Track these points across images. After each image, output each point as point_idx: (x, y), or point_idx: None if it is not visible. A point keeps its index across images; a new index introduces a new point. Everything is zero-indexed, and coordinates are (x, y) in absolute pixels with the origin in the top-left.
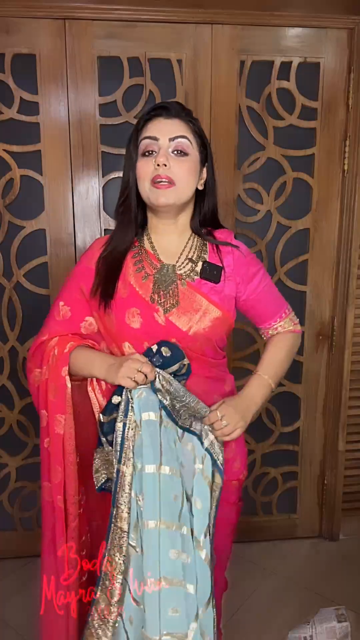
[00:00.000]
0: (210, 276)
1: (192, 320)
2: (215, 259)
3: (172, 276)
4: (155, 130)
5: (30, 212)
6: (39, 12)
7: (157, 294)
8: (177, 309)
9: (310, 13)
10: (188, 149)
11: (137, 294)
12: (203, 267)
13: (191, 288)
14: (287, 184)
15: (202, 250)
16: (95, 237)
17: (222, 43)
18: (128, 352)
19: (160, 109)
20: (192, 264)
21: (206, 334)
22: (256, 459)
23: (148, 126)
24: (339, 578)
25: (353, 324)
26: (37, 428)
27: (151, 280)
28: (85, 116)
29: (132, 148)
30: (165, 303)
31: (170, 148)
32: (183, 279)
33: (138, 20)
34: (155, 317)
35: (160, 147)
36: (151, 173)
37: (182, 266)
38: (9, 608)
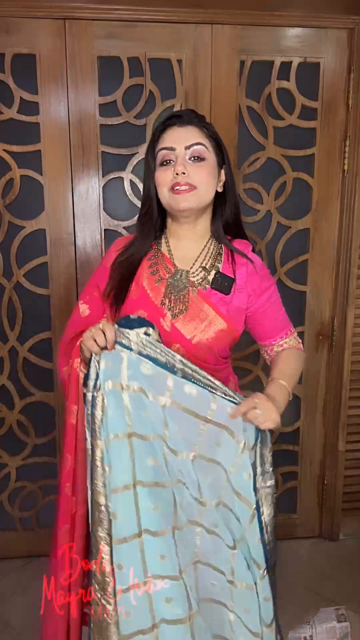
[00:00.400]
0: (221, 287)
1: (197, 329)
2: (228, 269)
3: (185, 282)
4: (170, 141)
5: (30, 212)
6: (39, 12)
7: (168, 299)
8: (184, 315)
9: (310, 13)
10: (204, 153)
11: (148, 297)
12: (215, 277)
13: (200, 297)
14: (287, 184)
15: (216, 259)
16: (95, 237)
17: (222, 43)
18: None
19: (173, 118)
20: (205, 272)
21: (209, 344)
22: None
23: (164, 137)
24: (339, 578)
25: (353, 324)
26: (37, 428)
27: (164, 284)
28: (85, 116)
29: (150, 159)
30: (175, 308)
31: (187, 156)
32: (195, 287)
33: (138, 20)
34: (161, 322)
35: (177, 155)
36: (170, 181)
37: (196, 273)
38: (9, 608)
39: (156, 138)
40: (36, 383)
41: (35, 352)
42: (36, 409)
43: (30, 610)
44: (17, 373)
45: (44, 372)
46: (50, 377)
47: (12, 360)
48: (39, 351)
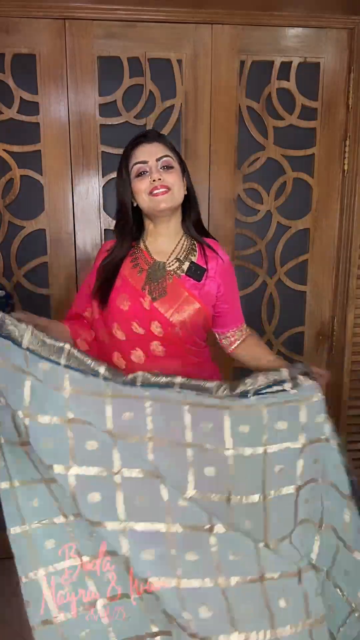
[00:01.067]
0: (194, 275)
1: (173, 308)
2: (201, 261)
3: (162, 271)
4: (143, 156)
5: (30, 212)
6: (39, 12)
7: (149, 285)
8: (163, 298)
9: (310, 13)
10: (172, 163)
11: (129, 283)
12: (189, 267)
13: (177, 282)
14: (287, 184)
15: (190, 252)
16: (95, 237)
17: (222, 43)
18: (116, 334)
19: (141, 138)
20: (180, 262)
21: (184, 321)
22: None
23: (135, 154)
24: None
25: (353, 324)
26: None
27: (144, 274)
28: (85, 116)
29: (125, 173)
30: (154, 292)
31: (158, 166)
32: (171, 275)
33: (138, 20)
34: (142, 302)
35: (150, 167)
36: (148, 187)
37: (171, 264)
38: (9, 608)
39: (128, 156)
40: None
41: None
42: None
43: None
44: None
45: None
46: None
47: None
48: None
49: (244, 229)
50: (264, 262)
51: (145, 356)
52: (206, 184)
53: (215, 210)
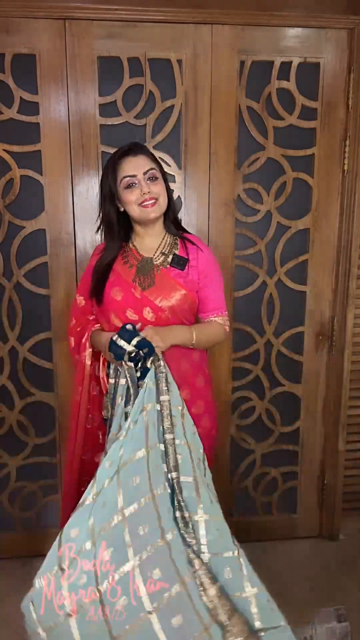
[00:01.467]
0: (178, 265)
1: (161, 295)
2: (183, 253)
3: (150, 265)
4: (130, 170)
5: (30, 212)
6: (39, 12)
7: (139, 278)
8: (152, 287)
9: (310, 13)
10: (157, 174)
11: (121, 277)
12: (173, 258)
13: (163, 273)
14: (287, 184)
15: (173, 246)
16: (95, 237)
17: (222, 43)
18: (114, 322)
19: (126, 151)
20: (165, 256)
21: (172, 306)
22: (256, 459)
23: (123, 167)
24: (339, 578)
25: (353, 324)
26: (37, 428)
27: (134, 269)
28: (85, 116)
29: (112, 184)
30: (144, 283)
31: (146, 178)
32: (158, 267)
33: (138, 20)
34: (133, 292)
35: (139, 180)
36: (137, 199)
37: (157, 258)
38: (9, 608)
39: (115, 168)
40: (36, 383)
41: (35, 352)
42: (36, 409)
43: None
44: (17, 373)
45: (44, 372)
46: (50, 377)
47: (12, 360)
48: (39, 351)
49: (244, 229)
50: (264, 262)
51: None
52: (206, 184)
53: (215, 210)
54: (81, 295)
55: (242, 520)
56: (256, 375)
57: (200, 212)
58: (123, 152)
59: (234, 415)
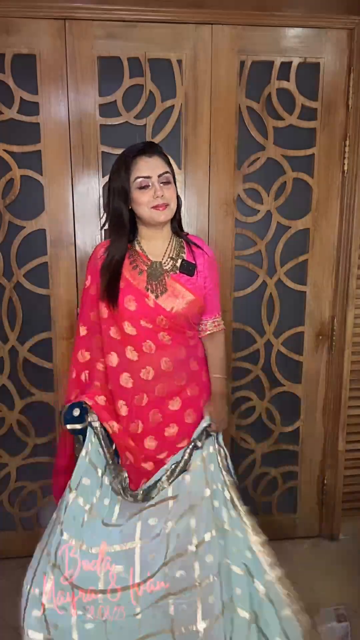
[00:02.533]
0: (187, 271)
1: (173, 302)
2: (190, 258)
3: (161, 270)
4: (145, 170)
5: (30, 212)
6: (39, 12)
7: (150, 284)
8: (165, 294)
9: (310, 13)
10: (170, 178)
11: (132, 285)
12: (181, 264)
13: (173, 279)
14: (287, 184)
15: (180, 250)
16: (95, 237)
17: (222, 43)
18: (127, 330)
19: (141, 151)
20: (173, 261)
21: (183, 312)
22: (256, 459)
23: (138, 166)
24: (339, 578)
25: (353, 324)
26: (37, 428)
27: (145, 275)
28: (85, 116)
29: (126, 184)
30: (157, 290)
31: (159, 181)
32: (168, 273)
33: (138, 20)
34: (146, 302)
35: (153, 182)
36: (150, 201)
37: (167, 263)
38: (9, 608)
39: (128, 167)
40: (36, 383)
41: (35, 352)
42: (36, 409)
43: None
44: (17, 373)
45: (44, 372)
46: (51, 377)
47: (12, 360)
48: (39, 351)
49: (244, 229)
50: (264, 262)
51: (155, 346)
52: (206, 184)
53: (215, 210)
54: (84, 324)
55: None
56: (256, 375)
57: (200, 212)
58: (139, 151)
59: (234, 415)
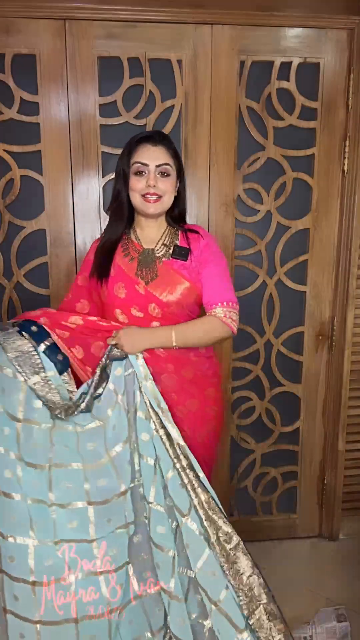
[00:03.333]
0: (180, 255)
1: (165, 290)
2: (184, 243)
3: (152, 257)
4: (145, 157)
5: (30, 212)
6: (39, 12)
7: (141, 271)
8: (155, 281)
9: (310, 13)
10: (169, 171)
11: (123, 272)
12: (174, 249)
13: (166, 265)
14: (287, 184)
15: (174, 237)
16: (95, 237)
17: (222, 43)
18: (119, 318)
19: (147, 137)
20: (166, 247)
21: (177, 301)
22: (256, 459)
23: (138, 152)
24: (339, 578)
25: (353, 324)
26: None
27: (136, 261)
28: (85, 116)
29: (125, 167)
30: (147, 277)
31: (157, 171)
32: (160, 259)
33: (138, 20)
34: (137, 288)
35: (149, 171)
36: (142, 189)
37: (159, 250)
38: None
39: (131, 150)
40: None
41: None
42: None
43: None
44: None
45: None
46: None
47: None
48: None
49: (244, 229)
50: (263, 262)
51: None
52: (206, 184)
53: (215, 210)
54: (70, 292)
55: (242, 520)
56: (256, 375)
57: (200, 212)
58: (144, 137)
59: (234, 415)
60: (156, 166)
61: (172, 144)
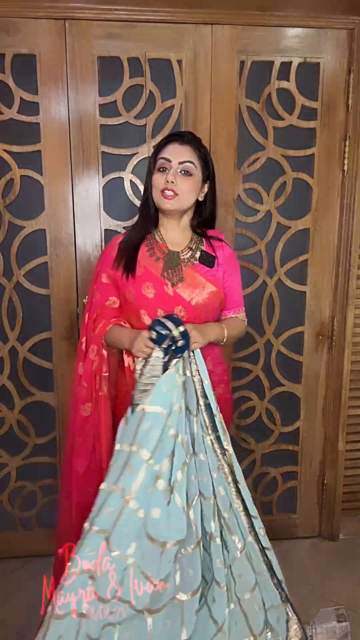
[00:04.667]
0: (206, 262)
1: (194, 292)
2: (209, 250)
3: (177, 260)
4: (169, 154)
5: (30, 212)
6: (39, 12)
7: (167, 272)
8: (182, 283)
9: (310, 13)
10: (192, 170)
11: (150, 272)
12: (201, 255)
13: (192, 269)
14: (287, 184)
15: (199, 243)
16: (95, 237)
17: (222, 43)
18: (144, 319)
19: (177, 136)
20: (192, 251)
21: (204, 304)
22: (256, 459)
23: (165, 149)
24: (339, 578)
25: (353, 324)
26: (37, 428)
27: (161, 262)
28: (85, 116)
29: (152, 164)
30: (173, 279)
31: (179, 169)
32: (186, 263)
33: (138, 20)
34: (165, 289)
35: (171, 167)
36: (161, 185)
37: (185, 253)
38: (9, 608)
39: (160, 148)
40: (36, 383)
41: (35, 352)
42: (36, 409)
43: (30, 610)
44: (17, 373)
45: (44, 372)
46: (51, 377)
47: (12, 360)
48: (39, 351)
49: (244, 229)
50: (264, 262)
51: None
52: None
53: None
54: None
55: None
56: (256, 375)
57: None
58: (174, 136)
59: (234, 415)
60: (179, 163)
61: (202, 146)
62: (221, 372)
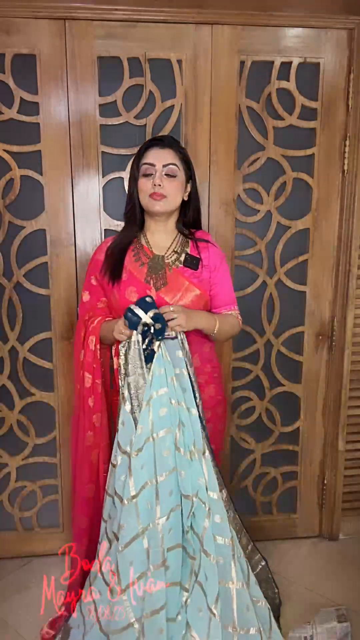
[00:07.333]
0: (191, 265)
1: (176, 296)
2: (194, 252)
3: (162, 264)
4: (152, 158)
5: (30, 212)
6: (39, 12)
7: (150, 277)
8: (165, 287)
9: (310, 13)
10: (176, 172)
11: (134, 277)
12: (185, 258)
13: (176, 273)
14: (287, 184)
15: (184, 245)
16: (95, 237)
17: (222, 43)
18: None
19: (157, 141)
20: (177, 255)
21: (188, 307)
22: (256, 459)
23: (147, 154)
24: (339, 578)
25: (353, 324)
26: (37, 428)
27: (146, 267)
28: (85, 116)
29: (135, 170)
30: (157, 283)
31: (163, 172)
32: (170, 266)
33: (138, 20)
34: (148, 293)
35: (156, 170)
36: (149, 189)
37: (169, 256)
38: (9, 608)
39: (141, 154)
40: (36, 383)
41: (35, 352)
42: (36, 409)
43: (30, 610)
44: (17, 373)
45: (44, 372)
46: (50, 377)
47: (12, 360)
48: (39, 351)
49: (244, 229)
50: (263, 262)
51: None
52: (206, 184)
53: (215, 210)
54: (86, 290)
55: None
56: (256, 375)
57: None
58: (154, 141)
59: (234, 415)
60: (163, 166)
61: (182, 148)
62: (210, 369)
